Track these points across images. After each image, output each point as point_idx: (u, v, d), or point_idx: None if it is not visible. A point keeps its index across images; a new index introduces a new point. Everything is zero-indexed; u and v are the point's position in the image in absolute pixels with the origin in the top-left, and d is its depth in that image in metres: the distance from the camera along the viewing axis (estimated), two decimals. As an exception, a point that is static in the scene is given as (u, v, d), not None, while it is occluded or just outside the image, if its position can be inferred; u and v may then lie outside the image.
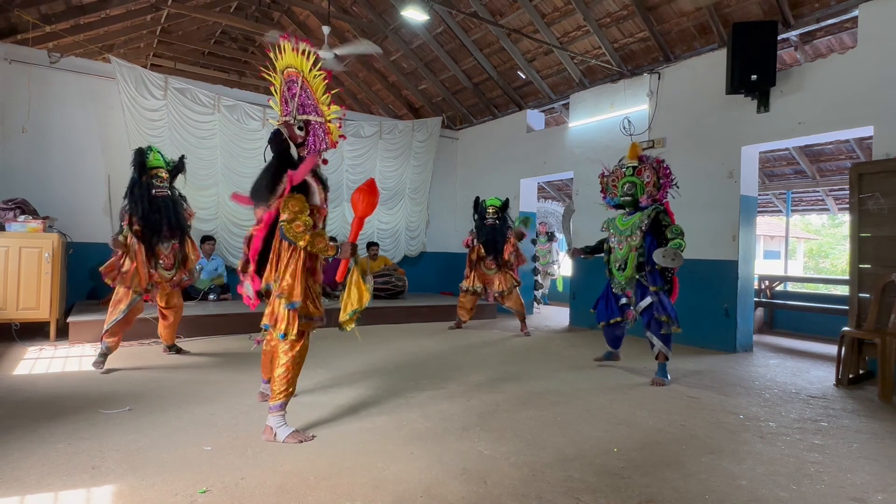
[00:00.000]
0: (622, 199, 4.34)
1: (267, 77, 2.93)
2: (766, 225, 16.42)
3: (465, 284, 6.52)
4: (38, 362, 4.35)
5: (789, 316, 7.37)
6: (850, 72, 4.83)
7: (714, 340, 5.74)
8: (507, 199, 6.50)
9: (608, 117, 7.00)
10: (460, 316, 6.68)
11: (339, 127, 2.84)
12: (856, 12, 4.87)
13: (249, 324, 5.81)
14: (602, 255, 4.61)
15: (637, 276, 4.20)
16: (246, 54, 10.91)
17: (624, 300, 4.44)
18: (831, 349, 5.41)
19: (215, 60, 11.03)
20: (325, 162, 2.92)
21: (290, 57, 2.77)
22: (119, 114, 6.80)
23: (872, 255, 4.50)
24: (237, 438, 2.75)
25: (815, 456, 2.77)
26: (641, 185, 4.25)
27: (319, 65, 2.77)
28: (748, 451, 2.81)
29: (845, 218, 12.05)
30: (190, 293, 6.72)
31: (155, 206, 4.11)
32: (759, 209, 6.76)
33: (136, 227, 4.07)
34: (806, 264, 20.01)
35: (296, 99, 2.79)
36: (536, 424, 3.13)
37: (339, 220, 8.43)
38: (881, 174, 4.47)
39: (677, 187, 4.30)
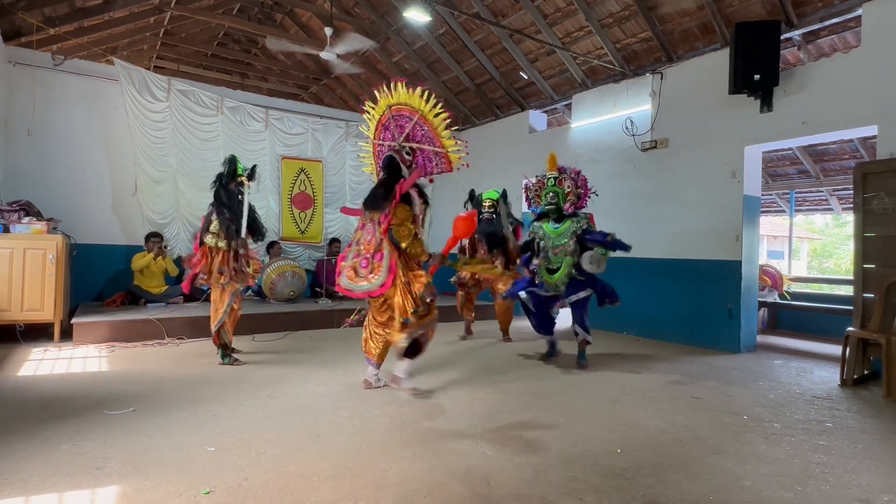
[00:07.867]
0: (546, 207, 4.72)
1: (370, 108, 3.66)
2: (770, 225, 16.33)
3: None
4: (42, 363, 4.36)
5: (793, 316, 7.35)
6: (854, 71, 4.81)
7: (718, 341, 5.73)
8: (505, 190, 6.08)
9: (611, 117, 6.99)
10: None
11: (460, 159, 3.53)
12: (859, 11, 4.86)
13: (252, 325, 5.83)
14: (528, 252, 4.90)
15: (571, 276, 4.55)
16: (248, 56, 10.93)
17: (552, 292, 4.67)
18: (836, 349, 5.39)
19: (218, 62, 11.06)
20: (430, 180, 3.73)
21: (404, 96, 3.41)
22: (122, 115, 6.83)
23: (877, 255, 4.48)
24: (240, 439, 2.76)
25: (820, 457, 2.76)
26: (563, 194, 4.65)
27: (440, 105, 3.41)
28: (752, 451, 2.80)
29: (849, 218, 12.03)
30: (194, 294, 6.72)
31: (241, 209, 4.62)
32: (762, 209, 6.72)
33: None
34: (810, 264, 19.91)
35: (406, 130, 3.48)
36: (539, 425, 3.12)
37: (342, 221, 8.44)
38: (885, 173, 4.44)
39: (596, 195, 4.73)
